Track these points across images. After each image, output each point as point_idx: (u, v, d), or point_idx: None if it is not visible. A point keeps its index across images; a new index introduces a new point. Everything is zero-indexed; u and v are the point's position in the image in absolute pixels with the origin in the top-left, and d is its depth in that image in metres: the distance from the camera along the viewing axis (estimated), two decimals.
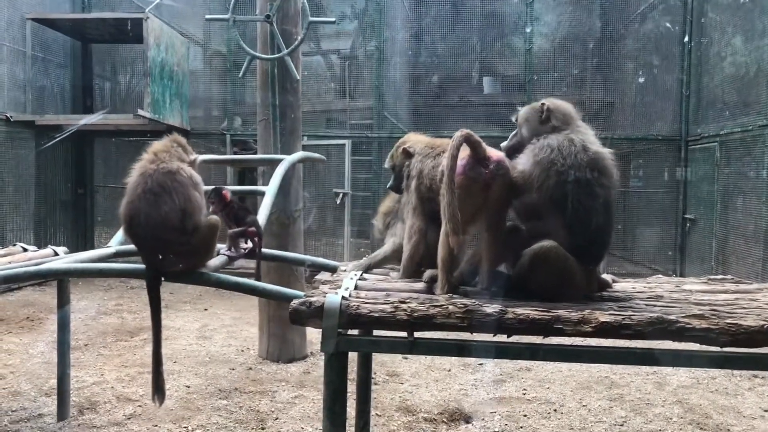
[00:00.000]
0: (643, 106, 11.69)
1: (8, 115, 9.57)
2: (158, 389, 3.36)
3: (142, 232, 3.12)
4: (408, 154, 3.01)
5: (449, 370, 6.03)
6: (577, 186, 2.59)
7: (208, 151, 10.72)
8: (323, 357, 2.44)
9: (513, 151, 2.83)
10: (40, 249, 4.76)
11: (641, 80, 11.78)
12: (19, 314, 7.87)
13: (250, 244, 3.78)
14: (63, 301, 4.71)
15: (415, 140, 3.07)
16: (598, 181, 2.62)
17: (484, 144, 2.62)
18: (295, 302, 2.45)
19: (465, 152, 2.58)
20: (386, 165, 3.18)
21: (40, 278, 7.41)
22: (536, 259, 2.55)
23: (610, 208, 2.66)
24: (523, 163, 2.69)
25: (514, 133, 2.95)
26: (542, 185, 2.61)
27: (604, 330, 2.29)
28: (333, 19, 7.01)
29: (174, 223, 3.10)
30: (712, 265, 9.30)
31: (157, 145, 3.32)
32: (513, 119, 3.00)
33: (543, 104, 2.86)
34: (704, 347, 2.32)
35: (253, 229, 3.67)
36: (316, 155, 6.34)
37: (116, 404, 4.98)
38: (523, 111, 2.94)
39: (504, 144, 2.93)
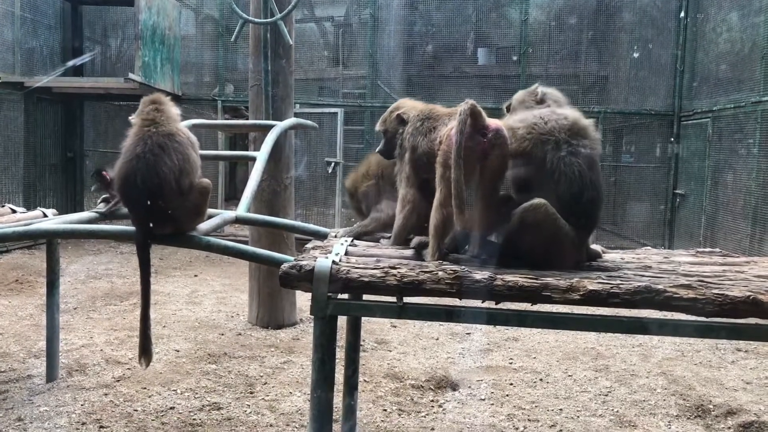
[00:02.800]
0: (637, 80, 11.66)
1: None
2: (145, 351, 3.37)
3: (136, 193, 3.10)
4: (402, 121, 2.98)
5: (437, 339, 6.08)
6: (556, 147, 2.67)
7: (199, 117, 10.63)
8: (312, 324, 2.45)
9: None
10: (29, 211, 4.73)
11: (636, 54, 11.73)
12: (8, 277, 7.86)
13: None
14: (52, 264, 4.70)
15: (410, 106, 3.04)
16: (578, 143, 2.69)
17: (484, 113, 2.61)
18: (285, 266, 2.45)
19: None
20: (378, 128, 3.15)
21: (29, 239, 7.40)
22: (526, 215, 2.56)
23: (595, 169, 2.70)
24: (511, 124, 2.78)
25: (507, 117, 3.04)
26: (526, 146, 2.69)
27: (592, 298, 2.30)
28: None
29: (171, 184, 3.09)
30: (701, 240, 9.37)
31: (147, 109, 3.27)
32: (504, 108, 3.08)
33: (537, 87, 3.00)
34: (690, 317, 2.34)
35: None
36: (309, 122, 6.29)
37: (105, 367, 5.00)
38: (517, 94, 3.05)
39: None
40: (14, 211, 4.60)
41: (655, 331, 2.45)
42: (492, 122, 2.62)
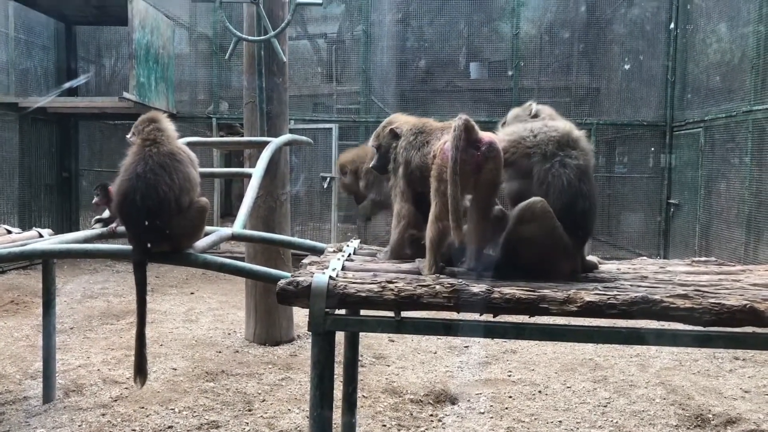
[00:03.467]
0: (628, 91, 11.74)
1: None
2: (140, 370, 3.35)
3: (135, 212, 3.09)
4: (395, 135, 2.99)
5: (435, 353, 6.07)
6: (543, 160, 2.68)
7: (194, 134, 10.64)
8: (310, 340, 2.45)
9: None
10: (24, 231, 4.72)
11: (627, 66, 11.83)
12: (4, 298, 7.82)
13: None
14: (48, 284, 4.69)
15: (403, 121, 3.05)
16: (567, 154, 2.70)
17: (477, 127, 2.63)
18: (282, 282, 2.45)
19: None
20: (371, 143, 3.16)
21: (25, 259, 7.39)
22: (523, 213, 2.56)
23: (586, 180, 2.71)
24: (500, 137, 2.80)
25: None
26: (509, 158, 2.71)
27: (589, 309, 2.31)
28: (320, 2, 6.96)
29: (170, 203, 3.09)
30: (696, 249, 9.40)
31: (148, 128, 3.28)
32: (501, 125, 3.09)
33: (531, 104, 3.01)
34: (688, 327, 2.35)
35: None
36: (303, 138, 6.32)
37: (102, 387, 4.98)
38: (512, 111, 3.08)
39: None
40: (9, 232, 4.59)
41: (653, 341, 2.45)
42: (485, 135, 2.64)
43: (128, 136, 3.35)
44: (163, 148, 3.17)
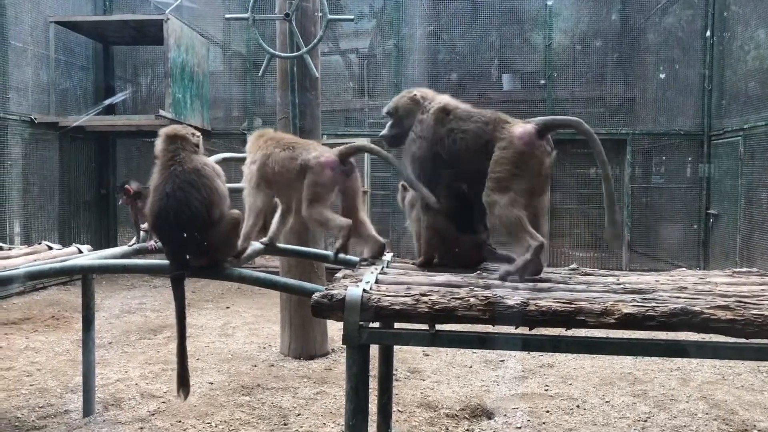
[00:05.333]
0: (664, 101, 11.58)
1: (33, 117, 9.72)
2: (183, 383, 3.39)
3: (170, 229, 3.16)
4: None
5: (470, 367, 6.01)
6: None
7: (229, 151, 10.76)
8: (344, 354, 2.45)
9: (393, 140, 3.38)
10: (64, 248, 4.82)
11: (662, 75, 11.67)
12: (45, 313, 7.98)
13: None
14: (88, 300, 4.77)
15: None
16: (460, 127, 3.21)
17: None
18: (317, 295, 2.46)
19: None
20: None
21: (65, 275, 7.54)
22: None
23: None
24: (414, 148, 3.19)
25: (390, 123, 3.41)
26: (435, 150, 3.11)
27: (627, 321, 2.27)
28: (351, 17, 7.01)
29: (203, 216, 3.15)
30: (737, 260, 9.19)
31: (170, 147, 3.32)
32: (384, 111, 3.41)
33: (413, 93, 3.37)
34: (730, 339, 2.29)
35: None
36: None
37: (140, 401, 5.03)
38: (395, 101, 3.40)
39: (384, 132, 3.45)
40: (50, 248, 4.70)
41: (694, 353, 2.41)
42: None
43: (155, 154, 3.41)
44: (188, 165, 3.22)
